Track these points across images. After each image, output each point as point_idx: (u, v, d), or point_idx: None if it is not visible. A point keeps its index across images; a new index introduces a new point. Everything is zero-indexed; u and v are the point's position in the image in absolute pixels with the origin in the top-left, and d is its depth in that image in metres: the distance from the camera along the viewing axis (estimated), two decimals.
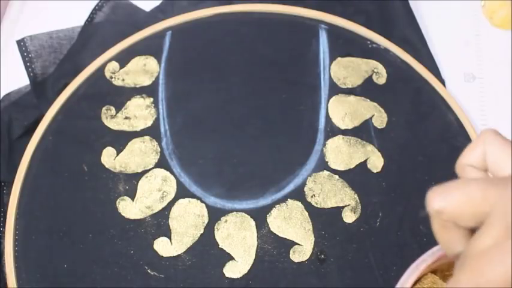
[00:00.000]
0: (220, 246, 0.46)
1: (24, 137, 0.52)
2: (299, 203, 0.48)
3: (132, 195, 0.48)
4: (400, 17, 0.57)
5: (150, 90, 0.53)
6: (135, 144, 0.50)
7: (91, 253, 0.46)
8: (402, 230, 0.46)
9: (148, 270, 0.45)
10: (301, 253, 0.45)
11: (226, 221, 0.47)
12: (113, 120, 0.52)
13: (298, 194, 0.48)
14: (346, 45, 0.55)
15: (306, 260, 0.45)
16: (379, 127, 0.51)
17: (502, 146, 0.25)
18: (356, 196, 0.48)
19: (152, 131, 0.51)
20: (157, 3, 0.60)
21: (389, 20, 0.58)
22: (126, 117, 0.52)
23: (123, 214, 0.47)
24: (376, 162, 0.49)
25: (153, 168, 0.49)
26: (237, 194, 0.48)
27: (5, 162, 0.50)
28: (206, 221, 0.47)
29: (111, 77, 0.54)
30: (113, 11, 0.59)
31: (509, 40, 0.58)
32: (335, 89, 0.53)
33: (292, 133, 0.51)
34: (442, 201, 0.24)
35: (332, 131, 0.51)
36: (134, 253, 0.46)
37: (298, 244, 0.46)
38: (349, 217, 0.47)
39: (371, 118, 0.51)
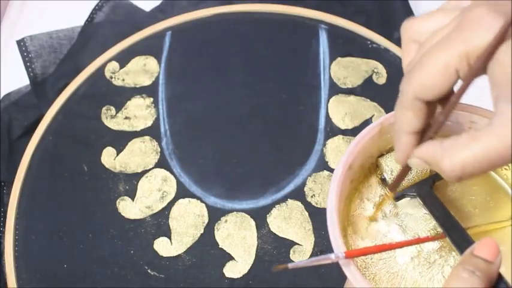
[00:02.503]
0: (220, 246, 0.46)
1: (24, 137, 0.52)
2: (299, 203, 0.47)
3: (132, 195, 0.48)
4: (400, 17, 0.57)
5: (150, 90, 0.53)
6: (135, 144, 0.50)
7: (91, 253, 0.46)
8: None
9: (149, 270, 0.45)
10: (301, 253, 0.45)
11: (226, 221, 0.47)
12: (113, 120, 0.52)
13: (298, 194, 0.48)
14: (346, 45, 0.55)
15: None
16: None
17: None
18: None
19: (152, 131, 0.51)
20: (157, 3, 0.60)
21: (389, 20, 0.58)
22: (126, 117, 0.52)
23: (123, 214, 0.47)
24: None
25: (153, 168, 0.49)
26: (237, 194, 0.48)
27: (5, 162, 0.51)
28: (206, 221, 0.47)
29: (111, 77, 0.54)
30: (113, 11, 0.59)
31: None
32: (335, 89, 0.53)
33: (292, 133, 0.51)
34: (412, 19, 0.30)
35: (332, 131, 0.51)
36: (134, 253, 0.46)
37: (298, 244, 0.46)
38: None
39: (371, 118, 0.51)
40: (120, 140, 0.50)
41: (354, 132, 0.51)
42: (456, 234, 0.32)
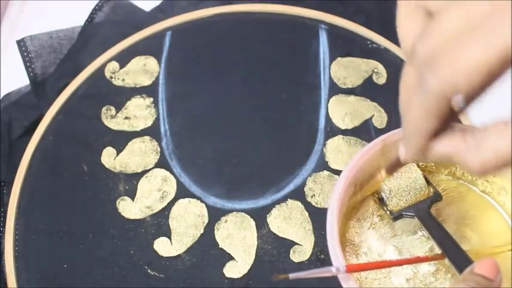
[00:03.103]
0: (220, 246, 0.46)
1: (24, 137, 0.52)
2: (299, 203, 0.47)
3: (132, 195, 0.48)
4: None
5: (150, 90, 0.53)
6: (135, 144, 0.50)
7: (91, 253, 0.46)
8: None
9: (149, 270, 0.45)
10: (301, 253, 0.45)
11: (226, 221, 0.47)
12: (113, 120, 0.52)
13: (298, 194, 0.48)
14: (346, 45, 0.55)
15: (306, 260, 0.45)
16: (379, 127, 0.51)
17: None
18: None
19: (152, 131, 0.51)
20: (157, 3, 0.60)
21: (389, 20, 0.58)
22: (126, 117, 0.52)
23: (123, 214, 0.47)
24: None
25: (153, 168, 0.49)
26: (237, 194, 0.48)
27: (5, 162, 0.50)
28: (206, 221, 0.47)
29: (111, 77, 0.54)
30: (113, 11, 0.59)
31: None
32: (335, 89, 0.53)
33: (292, 133, 0.51)
34: None
35: (332, 131, 0.51)
36: (134, 253, 0.46)
37: (298, 244, 0.46)
38: None
39: (371, 118, 0.51)
40: (120, 140, 0.50)
41: (354, 132, 0.51)
42: (455, 254, 0.32)
